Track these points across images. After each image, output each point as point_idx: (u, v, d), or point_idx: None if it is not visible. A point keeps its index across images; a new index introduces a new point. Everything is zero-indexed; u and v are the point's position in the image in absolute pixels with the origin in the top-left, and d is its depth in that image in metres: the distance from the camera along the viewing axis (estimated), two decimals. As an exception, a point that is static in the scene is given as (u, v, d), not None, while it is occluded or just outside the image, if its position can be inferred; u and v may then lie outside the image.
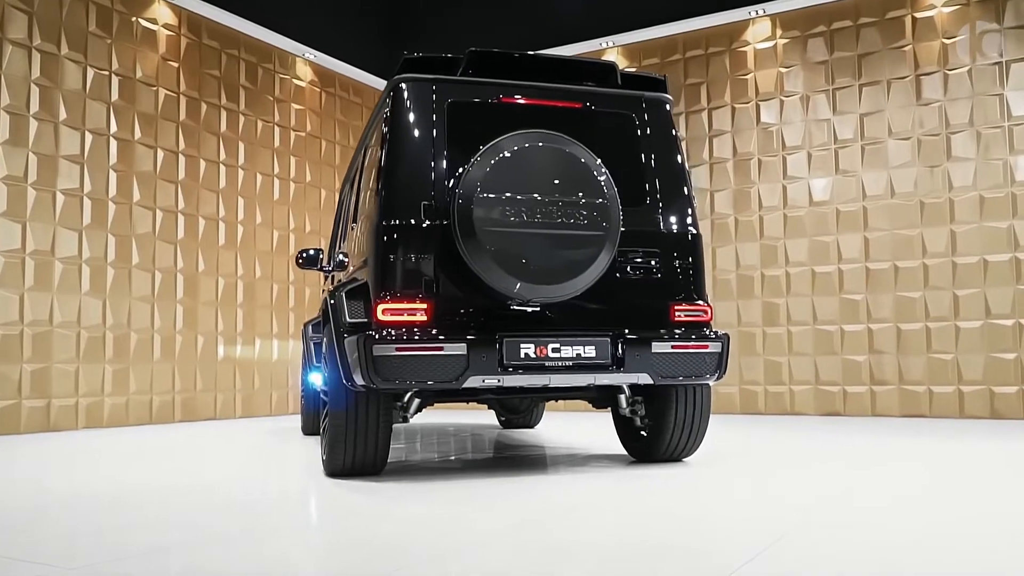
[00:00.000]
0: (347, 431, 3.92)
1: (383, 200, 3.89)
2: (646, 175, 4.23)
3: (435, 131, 3.98)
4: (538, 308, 3.88)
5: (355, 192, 4.93)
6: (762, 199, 8.62)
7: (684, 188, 4.29)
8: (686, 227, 4.23)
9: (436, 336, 3.70)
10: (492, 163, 3.72)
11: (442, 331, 3.73)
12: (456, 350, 3.69)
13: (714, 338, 4.05)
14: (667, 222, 4.19)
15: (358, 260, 4.33)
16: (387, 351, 3.62)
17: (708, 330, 4.11)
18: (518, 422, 7.14)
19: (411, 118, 4.00)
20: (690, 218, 4.25)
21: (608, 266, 3.84)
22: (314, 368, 6.06)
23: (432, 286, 3.81)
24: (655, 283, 4.09)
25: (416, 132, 3.98)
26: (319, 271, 6.13)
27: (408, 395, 4.11)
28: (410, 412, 4.15)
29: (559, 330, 3.89)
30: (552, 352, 3.82)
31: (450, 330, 3.75)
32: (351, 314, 3.95)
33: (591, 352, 3.87)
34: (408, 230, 3.84)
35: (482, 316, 3.83)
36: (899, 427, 6.74)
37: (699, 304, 4.14)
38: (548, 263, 3.71)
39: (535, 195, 3.71)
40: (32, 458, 5.38)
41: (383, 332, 3.67)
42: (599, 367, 3.88)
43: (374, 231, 3.87)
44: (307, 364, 6.73)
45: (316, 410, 6.02)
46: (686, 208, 4.26)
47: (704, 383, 4.21)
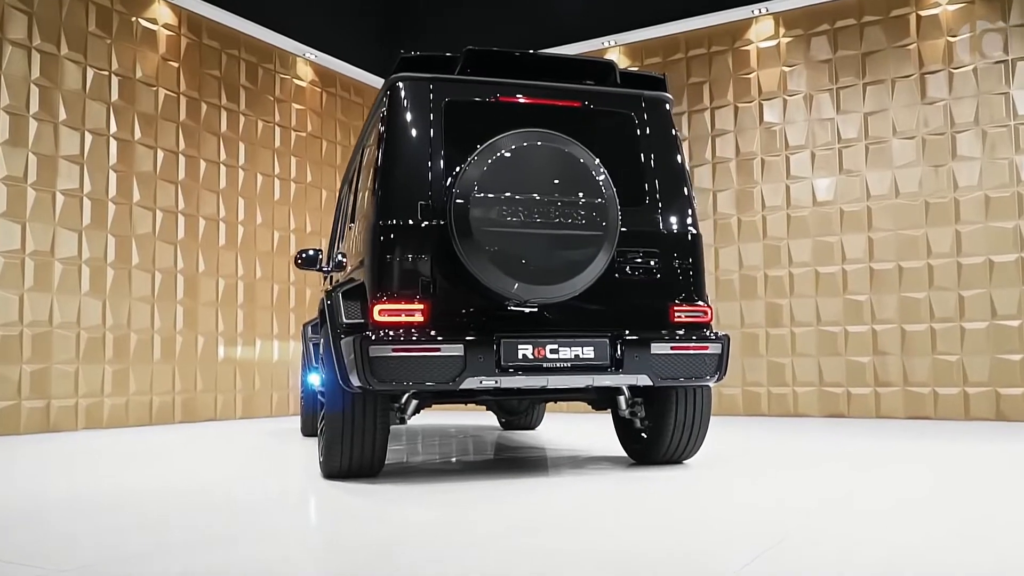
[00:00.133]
0: (344, 433, 3.89)
1: (380, 200, 3.87)
2: (645, 174, 4.19)
3: (432, 130, 3.95)
4: (536, 309, 3.84)
5: (353, 192, 4.90)
6: (765, 199, 8.57)
7: (684, 188, 4.24)
8: (686, 227, 4.18)
9: (433, 337, 3.67)
10: (489, 162, 3.69)
11: (439, 332, 3.70)
12: (453, 351, 3.66)
13: (714, 339, 4.01)
14: (666, 222, 4.15)
15: (355, 260, 4.30)
16: (383, 352, 3.60)
17: (708, 331, 4.07)
18: (518, 423, 7.10)
19: (408, 117, 3.97)
20: (690, 218, 4.21)
21: (607, 266, 3.80)
22: (313, 369, 6.03)
23: (429, 287, 3.77)
24: (654, 283, 4.05)
25: (413, 132, 3.95)
26: (318, 272, 6.11)
27: (406, 396, 4.08)
28: (407, 413, 4.13)
29: (557, 331, 3.85)
30: (550, 353, 3.78)
31: (447, 331, 3.72)
32: (348, 315, 3.92)
33: (589, 353, 3.83)
34: (405, 230, 3.81)
35: (479, 317, 3.80)
36: (903, 429, 6.69)
37: (699, 305, 4.10)
38: (546, 263, 3.68)
39: (533, 195, 3.68)
40: (32, 459, 5.37)
41: (379, 333, 3.64)
42: (598, 368, 3.85)
43: (371, 231, 3.85)
44: (306, 365, 6.71)
45: (315, 411, 5.98)
46: (686, 208, 4.21)
47: (704, 384, 4.17)
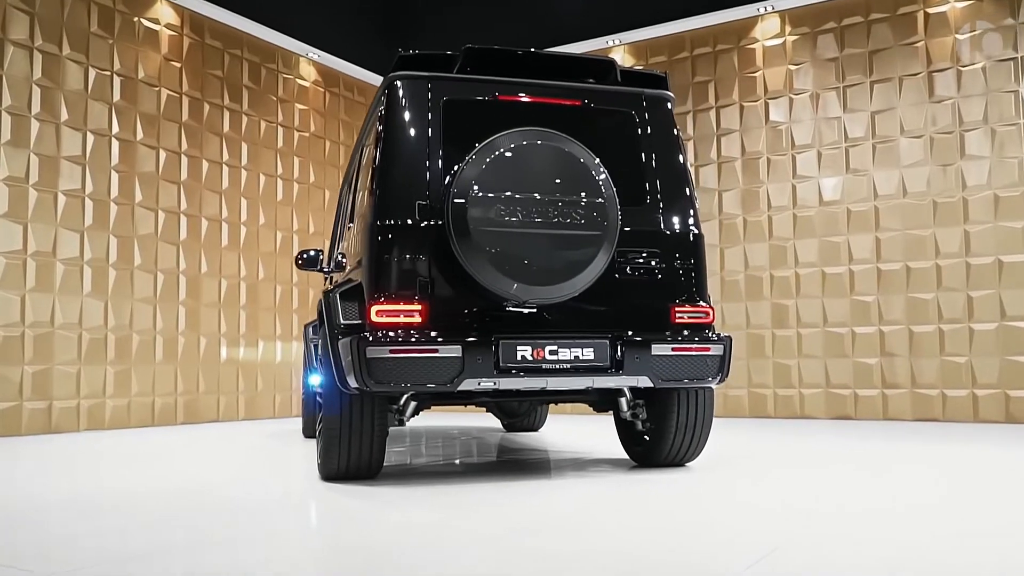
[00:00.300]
0: (341, 434, 3.86)
1: (377, 200, 3.83)
2: (646, 173, 4.13)
3: (430, 130, 3.91)
4: (535, 309, 3.79)
5: (352, 192, 4.86)
6: (771, 199, 8.49)
7: (685, 187, 4.19)
8: (687, 227, 4.12)
9: (431, 338, 3.63)
10: (487, 161, 3.64)
11: (437, 333, 3.66)
12: (451, 352, 3.62)
13: (716, 340, 3.95)
14: (668, 222, 4.09)
15: (353, 261, 4.26)
16: (381, 353, 3.57)
17: (710, 332, 4.01)
18: (521, 425, 7.05)
19: (406, 116, 3.93)
20: (692, 218, 4.15)
21: (606, 266, 3.75)
22: (314, 370, 5.99)
23: (427, 287, 3.73)
24: (655, 284, 4.00)
25: (411, 131, 3.91)
26: (319, 272, 6.08)
27: (404, 398, 4.04)
28: (406, 415, 4.08)
29: (557, 332, 3.80)
30: (549, 354, 3.73)
31: (445, 332, 3.67)
32: (345, 315, 3.88)
33: (589, 354, 3.78)
34: (403, 230, 3.77)
35: (478, 318, 3.76)
36: (911, 431, 6.61)
37: (701, 306, 4.04)
38: (545, 263, 3.63)
39: (532, 194, 3.63)
40: (33, 460, 5.35)
41: (377, 334, 3.60)
42: (598, 370, 3.80)
43: (368, 231, 3.81)
44: (308, 366, 6.68)
45: (316, 413, 5.94)
46: (687, 207, 4.15)
47: (706, 386, 4.11)
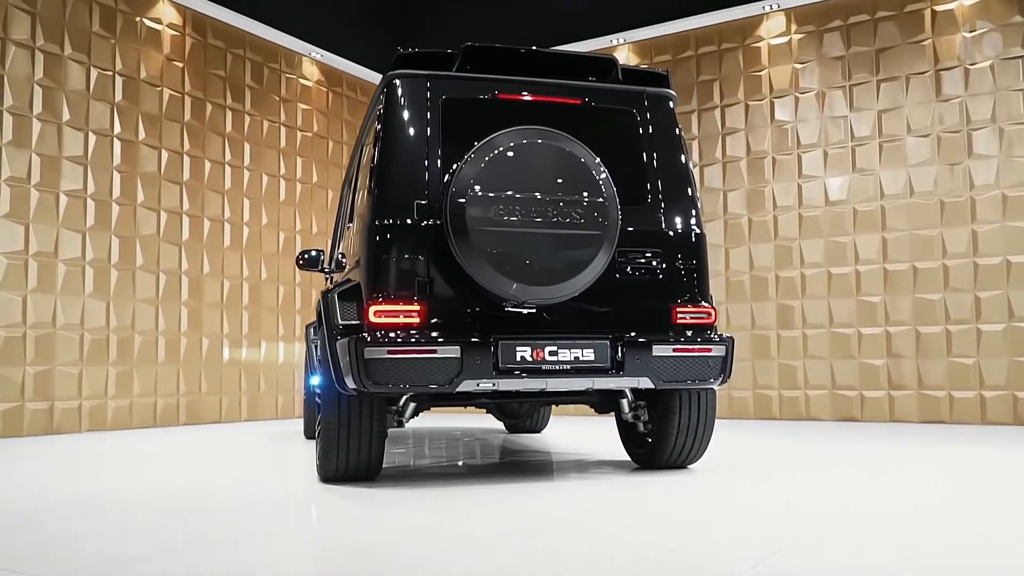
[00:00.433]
0: (340, 436, 3.83)
1: (375, 199, 3.80)
2: (647, 173, 4.09)
3: (429, 129, 3.87)
4: (534, 310, 3.75)
5: (352, 191, 4.83)
6: (776, 198, 8.42)
7: (687, 186, 4.14)
8: (689, 227, 4.07)
9: (429, 338, 3.60)
10: (486, 160, 3.61)
11: (435, 333, 3.63)
12: (449, 353, 3.58)
13: (718, 341, 3.90)
14: (669, 221, 4.04)
15: (352, 260, 4.24)
16: (378, 354, 3.54)
17: (712, 333, 3.96)
18: (523, 427, 7.00)
19: (405, 115, 3.90)
20: (693, 217, 4.10)
21: (607, 266, 3.71)
22: (316, 371, 5.96)
23: (426, 287, 3.70)
24: (657, 284, 3.95)
25: (410, 130, 3.88)
26: (320, 272, 6.05)
27: (403, 399, 4.00)
28: (405, 416, 4.04)
29: (556, 332, 3.76)
30: (549, 355, 3.69)
31: (444, 332, 3.64)
32: (343, 316, 3.85)
33: (590, 355, 3.74)
34: (401, 230, 3.74)
35: (477, 318, 3.72)
36: (918, 433, 6.54)
37: (703, 306, 3.99)
38: (544, 263, 3.59)
39: (531, 193, 3.59)
40: (34, 461, 5.34)
41: (375, 334, 3.56)
42: (598, 371, 3.75)
43: (366, 231, 3.78)
44: (309, 367, 6.65)
45: (317, 413, 5.92)
46: (689, 207, 4.10)
47: (708, 387, 4.06)
